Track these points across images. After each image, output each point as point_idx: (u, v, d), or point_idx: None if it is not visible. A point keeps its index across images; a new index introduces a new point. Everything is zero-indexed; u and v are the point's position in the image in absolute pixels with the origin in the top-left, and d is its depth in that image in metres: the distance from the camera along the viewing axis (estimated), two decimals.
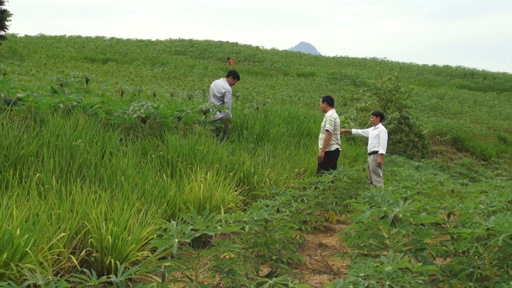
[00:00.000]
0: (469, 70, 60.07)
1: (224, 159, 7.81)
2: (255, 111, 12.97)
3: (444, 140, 27.16)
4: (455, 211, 5.02)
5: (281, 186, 7.97)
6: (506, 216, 3.87)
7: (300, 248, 5.96)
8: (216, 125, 9.64)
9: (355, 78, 43.52)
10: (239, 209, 6.61)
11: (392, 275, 2.80)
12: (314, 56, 68.89)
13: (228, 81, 10.41)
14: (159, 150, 7.36)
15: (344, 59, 64.56)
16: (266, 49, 64.02)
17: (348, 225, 7.16)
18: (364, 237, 3.97)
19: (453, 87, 49.60)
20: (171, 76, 37.21)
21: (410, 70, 58.40)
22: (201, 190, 6.03)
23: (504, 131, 32.30)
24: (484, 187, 8.52)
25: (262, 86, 37.04)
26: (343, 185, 8.11)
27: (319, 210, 7.41)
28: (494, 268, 3.72)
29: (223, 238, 5.61)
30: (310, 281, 4.85)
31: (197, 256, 3.28)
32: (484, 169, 24.88)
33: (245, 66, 48.53)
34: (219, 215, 3.71)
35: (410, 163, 19.04)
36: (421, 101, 37.95)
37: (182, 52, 53.98)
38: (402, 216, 3.61)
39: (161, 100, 11.20)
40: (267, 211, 4.12)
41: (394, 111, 23.09)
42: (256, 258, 4.17)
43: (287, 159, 10.08)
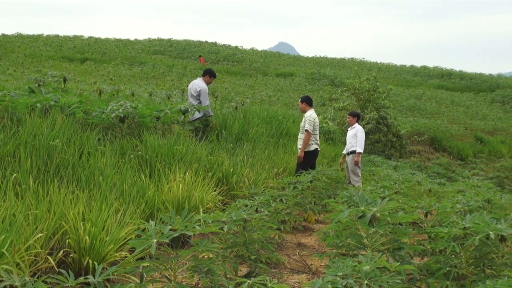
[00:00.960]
0: (447, 71, 60.57)
1: (203, 159, 7.80)
2: (234, 111, 12.95)
3: (421, 140, 27.35)
4: (433, 211, 5.07)
5: (260, 186, 7.97)
6: (483, 215, 3.91)
7: (278, 248, 5.97)
8: (194, 125, 9.62)
9: (333, 78, 43.66)
10: (218, 209, 6.61)
11: (370, 274, 2.82)
12: (293, 56, 69.02)
13: (205, 80, 10.39)
14: (137, 150, 7.32)
15: (323, 59, 64.75)
16: (245, 49, 64.00)
17: (326, 224, 7.20)
18: (342, 236, 3.99)
19: (431, 87, 49.98)
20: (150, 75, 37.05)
21: (388, 71, 58.74)
22: (180, 190, 6.02)
23: (481, 131, 32.61)
24: (461, 187, 8.60)
25: (241, 86, 37.04)
26: (322, 185, 8.13)
27: (297, 210, 7.42)
28: (470, 267, 3.76)
29: (202, 238, 5.60)
30: (289, 281, 4.86)
31: (175, 256, 3.27)
32: (461, 168, 25.12)
33: (224, 66, 48.49)
34: (198, 215, 3.70)
35: (388, 163, 19.17)
36: (399, 101, 38.18)
37: (161, 52, 53.78)
38: (380, 215, 3.64)
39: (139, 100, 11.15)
40: (246, 211, 4.13)
41: (372, 111, 23.20)
42: (235, 258, 4.17)
43: (266, 159, 10.09)
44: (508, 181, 23.97)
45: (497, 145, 30.36)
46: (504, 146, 30.72)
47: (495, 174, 24.34)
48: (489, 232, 3.47)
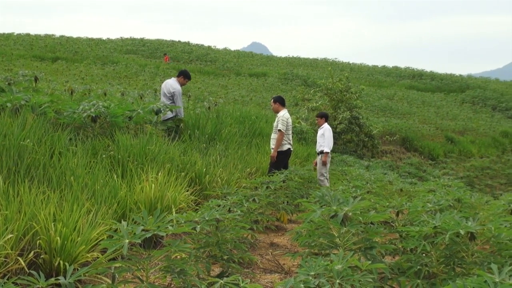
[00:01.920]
0: (418, 71, 61.17)
1: (175, 159, 7.77)
2: (207, 111, 12.94)
3: (393, 140, 27.57)
4: (404, 210, 5.12)
5: (232, 185, 7.97)
6: (453, 214, 3.96)
7: (251, 248, 5.97)
8: (167, 124, 9.59)
9: (306, 79, 43.80)
10: (190, 209, 6.59)
11: (342, 273, 2.84)
12: (266, 56, 69.09)
13: (179, 80, 10.37)
14: (109, 150, 7.27)
15: (295, 59, 64.92)
16: (218, 49, 63.90)
17: (299, 224, 7.22)
18: (314, 236, 4.00)
19: (402, 87, 50.44)
20: (122, 75, 36.78)
21: (361, 71, 59.13)
22: (152, 190, 5.99)
23: (451, 131, 32.99)
24: (432, 186, 8.69)
25: (214, 86, 36.96)
26: (295, 184, 8.16)
27: (270, 210, 7.44)
28: (441, 266, 3.80)
29: (175, 238, 5.58)
30: (262, 281, 4.87)
31: (148, 256, 3.26)
32: (432, 168, 25.38)
33: (197, 66, 48.33)
34: (171, 215, 3.70)
35: (360, 163, 19.30)
36: (371, 101, 38.44)
37: (134, 51, 53.43)
38: (352, 215, 3.66)
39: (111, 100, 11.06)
40: (218, 211, 4.13)
41: (344, 111, 23.34)
42: (208, 258, 4.17)
43: (239, 158, 10.09)
44: (478, 181, 24.30)
45: (467, 145, 30.76)
46: (474, 146, 31.13)
47: (465, 174, 24.66)
48: (459, 231, 3.51)
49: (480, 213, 6.31)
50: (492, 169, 26.58)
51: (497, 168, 26.85)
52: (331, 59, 66.88)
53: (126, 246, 3.02)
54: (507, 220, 4.24)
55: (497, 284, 2.64)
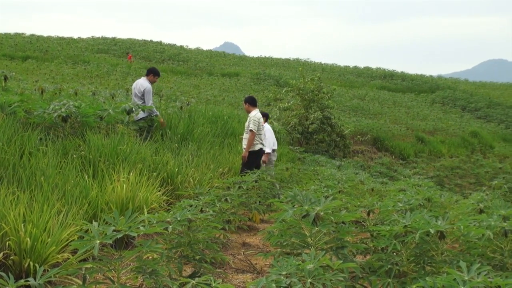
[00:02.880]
0: (389, 72, 61.75)
1: (147, 159, 7.74)
2: (179, 111, 12.88)
3: (364, 140, 27.73)
4: (375, 209, 5.16)
5: (205, 186, 7.96)
6: (423, 213, 4.00)
7: (223, 248, 5.98)
8: (139, 124, 9.54)
9: (278, 79, 43.92)
10: (162, 209, 6.56)
11: (314, 272, 2.85)
12: (239, 56, 69.15)
13: (149, 79, 10.33)
14: (80, 150, 7.21)
15: (268, 59, 65.08)
16: (190, 49, 63.77)
17: (271, 224, 7.23)
18: (286, 235, 4.02)
19: (374, 88, 50.86)
20: (94, 74, 36.49)
21: (333, 71, 59.48)
22: (124, 191, 5.96)
23: (422, 131, 33.31)
24: (403, 186, 8.76)
25: (187, 85, 36.84)
26: (267, 184, 8.17)
27: (242, 210, 7.45)
28: (411, 264, 3.84)
29: (146, 238, 5.55)
30: (234, 280, 4.88)
31: (119, 257, 3.24)
32: (402, 168, 25.58)
33: (170, 66, 48.17)
34: (142, 216, 3.68)
35: (332, 163, 19.37)
36: (343, 101, 38.65)
37: (105, 51, 53.05)
38: (324, 214, 3.68)
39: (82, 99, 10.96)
40: (190, 211, 4.12)
41: (316, 111, 23.40)
42: (180, 258, 4.16)
43: (211, 158, 10.08)
44: (447, 180, 24.57)
45: (437, 145, 31.09)
46: (443, 145, 31.48)
47: (435, 173, 24.90)
48: (429, 230, 3.55)
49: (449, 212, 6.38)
50: (462, 169, 26.89)
51: (467, 168, 27.19)
52: (303, 59, 67.19)
53: (97, 246, 3.00)
54: (476, 219, 4.29)
55: (466, 282, 2.68)
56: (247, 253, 6.04)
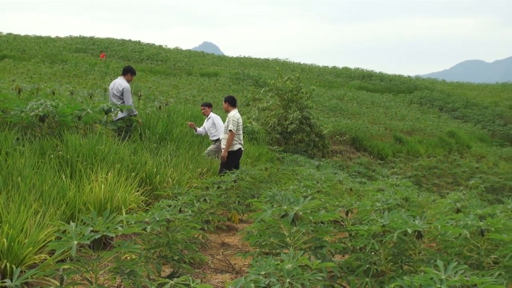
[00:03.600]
0: (367, 72, 62.06)
1: (125, 159, 7.70)
2: (157, 111, 12.85)
3: (343, 140, 27.83)
4: (353, 209, 5.19)
5: (183, 186, 7.94)
6: (400, 213, 4.03)
7: (202, 248, 5.97)
8: (117, 124, 9.50)
9: (257, 79, 43.91)
10: (141, 209, 6.54)
11: (292, 272, 2.86)
12: (218, 56, 69.02)
13: (126, 78, 10.31)
14: (58, 150, 7.16)
15: (247, 59, 65.05)
16: (169, 48, 63.54)
17: (250, 224, 7.23)
18: (265, 235, 4.02)
19: (352, 88, 51.08)
20: (72, 74, 36.16)
21: (311, 71, 59.62)
22: (102, 191, 5.92)
23: (400, 131, 33.53)
24: (381, 185, 8.82)
25: (165, 85, 36.68)
26: (246, 184, 8.18)
27: (221, 210, 7.44)
28: (389, 264, 3.87)
29: (125, 239, 5.53)
30: (212, 281, 4.87)
31: (97, 258, 3.22)
32: (381, 168, 25.73)
33: (148, 65, 47.91)
34: (120, 216, 3.67)
35: (311, 163, 19.42)
36: (322, 101, 38.75)
37: (83, 50, 52.62)
38: (302, 214, 3.69)
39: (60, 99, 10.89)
40: (169, 211, 4.11)
41: (295, 111, 23.43)
42: (158, 259, 4.14)
43: (190, 158, 10.06)
44: (425, 180, 24.77)
45: (415, 145, 31.31)
46: (421, 145, 31.72)
47: (413, 173, 25.09)
48: (406, 229, 3.58)
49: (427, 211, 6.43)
50: (439, 169, 27.13)
51: (444, 168, 27.43)
52: (282, 59, 67.30)
53: (75, 247, 2.98)
54: (453, 219, 4.33)
55: (443, 281, 2.70)
56: (226, 253, 6.03)
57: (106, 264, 4.25)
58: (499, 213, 4.89)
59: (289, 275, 2.84)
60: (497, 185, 24.30)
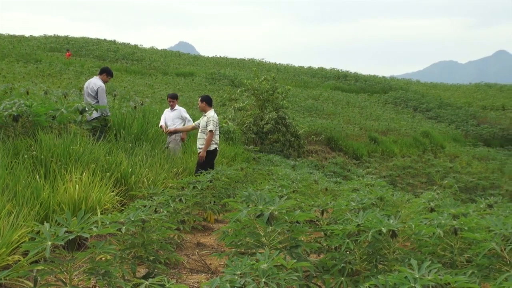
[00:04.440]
0: (343, 72, 62.33)
1: (100, 159, 7.66)
2: (133, 110, 12.78)
3: (319, 140, 27.91)
4: (329, 209, 5.22)
5: (159, 186, 7.92)
6: (375, 212, 4.06)
7: (178, 248, 5.96)
8: (92, 124, 9.44)
9: (233, 79, 43.88)
10: (116, 210, 6.51)
11: (268, 272, 2.87)
12: (194, 56, 68.81)
13: (102, 78, 10.26)
14: (32, 150, 7.10)
15: (223, 59, 64.96)
16: (145, 48, 63.19)
17: (226, 224, 7.24)
18: (241, 235, 4.03)
19: (328, 88, 51.24)
20: (46, 73, 35.79)
21: (287, 71, 59.71)
22: (76, 191, 5.89)
23: (375, 131, 33.71)
24: (356, 185, 8.88)
25: (141, 85, 36.47)
26: (222, 184, 8.18)
27: (197, 210, 7.43)
28: (364, 263, 3.90)
29: (99, 239, 5.50)
30: (188, 281, 4.87)
31: (71, 259, 3.20)
32: (356, 167, 25.85)
33: (123, 65, 47.59)
34: (95, 216, 3.65)
35: (286, 162, 19.45)
36: (297, 101, 38.83)
37: (58, 49, 52.12)
38: (278, 214, 3.70)
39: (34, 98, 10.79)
40: (144, 212, 4.10)
41: (271, 111, 23.46)
42: (133, 259, 4.13)
43: (166, 159, 10.04)
44: (400, 179, 24.94)
45: (390, 145, 31.52)
46: (396, 145, 31.93)
47: (388, 173, 25.26)
48: (381, 229, 3.61)
49: (401, 211, 6.50)
50: (413, 168, 27.34)
51: (418, 167, 27.65)
52: (258, 59, 67.30)
53: (49, 248, 2.96)
54: (427, 218, 4.38)
55: (416, 280, 2.74)
56: (202, 253, 6.03)
57: (80, 265, 4.22)
58: (472, 212, 4.95)
59: (265, 275, 2.85)
60: (470, 185, 24.58)
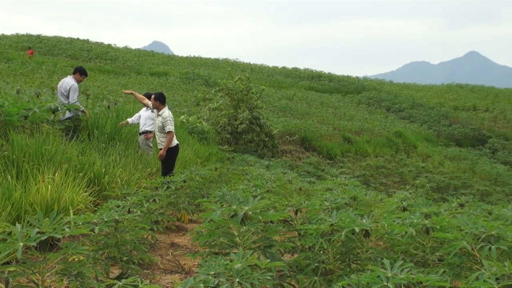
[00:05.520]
0: (316, 73, 62.56)
1: (73, 159, 7.60)
2: (106, 110, 12.69)
3: (293, 140, 27.99)
4: (302, 208, 5.24)
5: (132, 186, 7.88)
6: (348, 211, 4.09)
7: (151, 249, 5.94)
8: (65, 124, 9.35)
9: (208, 78, 43.81)
10: (89, 210, 6.46)
11: (242, 272, 2.88)
12: (168, 55, 68.51)
13: (75, 78, 10.17)
14: (3, 150, 7.02)
15: (197, 59, 64.78)
16: (118, 47, 62.75)
17: (200, 224, 7.23)
18: (215, 235, 4.03)
19: (302, 88, 51.41)
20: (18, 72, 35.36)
21: (261, 72, 59.76)
22: (49, 191, 5.83)
23: (348, 131, 33.90)
24: (329, 185, 8.92)
25: (114, 84, 36.21)
26: (196, 184, 8.17)
27: (171, 210, 7.41)
28: (337, 262, 3.92)
29: (72, 240, 5.46)
30: (162, 281, 4.85)
31: (43, 260, 3.18)
32: (330, 167, 25.97)
33: (97, 64, 47.19)
34: (68, 217, 3.62)
35: (260, 162, 19.48)
36: (272, 101, 38.89)
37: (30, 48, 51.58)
38: (252, 214, 3.71)
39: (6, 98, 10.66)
40: (117, 212, 4.08)
41: (245, 111, 23.48)
42: (106, 260, 4.11)
43: (139, 159, 9.99)
44: (373, 179, 25.12)
45: (363, 145, 31.72)
46: (369, 145, 32.15)
47: (361, 173, 25.43)
48: (354, 228, 3.64)
49: (374, 210, 6.56)
50: (386, 168, 27.57)
51: (391, 167, 27.88)
52: (232, 59, 67.26)
53: (21, 249, 2.93)
54: (400, 217, 4.43)
55: (389, 278, 2.76)
56: (176, 254, 6.02)
57: (53, 266, 4.18)
58: (444, 212, 5.02)
59: (238, 274, 2.85)
60: (442, 184, 24.87)
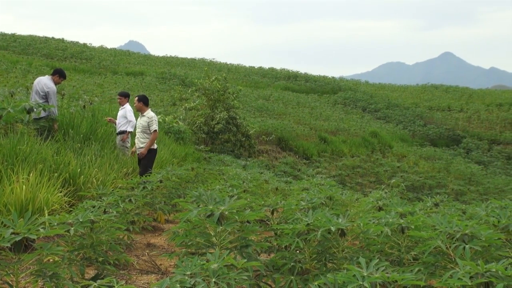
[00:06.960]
0: (293, 73, 62.74)
1: (48, 159, 7.53)
2: (81, 110, 12.60)
3: (269, 140, 28.04)
4: (279, 208, 5.25)
5: (108, 186, 7.83)
6: (324, 211, 4.11)
7: (127, 249, 5.91)
8: (39, 124, 9.26)
9: (184, 78, 43.72)
10: (64, 210, 6.42)
11: (218, 272, 2.87)
12: (144, 55, 68.18)
13: (54, 79, 10.07)
14: None
15: (173, 59, 64.57)
16: (94, 47, 62.29)
17: (176, 224, 7.21)
18: (191, 235, 4.02)
19: (278, 88, 51.55)
20: None
21: (238, 72, 59.77)
22: (23, 192, 5.78)
23: (324, 131, 34.07)
24: (306, 185, 8.95)
25: (90, 84, 35.97)
26: (172, 184, 8.15)
27: (147, 210, 7.39)
28: (313, 262, 3.94)
29: (47, 241, 5.41)
30: (138, 282, 4.83)
31: (18, 260, 3.15)
32: (306, 167, 26.07)
33: (72, 64, 46.79)
34: (43, 217, 3.59)
35: (237, 162, 19.51)
36: (248, 101, 38.94)
37: (4, 47, 50.87)
38: (228, 214, 3.71)
39: None
40: (93, 212, 4.06)
41: (222, 111, 23.49)
42: (82, 261, 4.08)
43: (115, 159, 9.94)
44: (349, 179, 25.27)
45: (339, 145, 31.89)
46: (345, 145, 32.33)
47: (337, 172, 25.56)
48: (330, 227, 3.66)
49: (350, 210, 6.59)
50: (362, 168, 27.75)
51: (367, 167, 28.06)
52: (209, 59, 67.23)
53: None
54: (375, 217, 4.46)
55: (364, 277, 2.78)
56: (152, 254, 6.00)
57: (27, 267, 4.15)
58: (419, 211, 5.07)
59: (215, 274, 2.85)
60: (417, 184, 25.11)
